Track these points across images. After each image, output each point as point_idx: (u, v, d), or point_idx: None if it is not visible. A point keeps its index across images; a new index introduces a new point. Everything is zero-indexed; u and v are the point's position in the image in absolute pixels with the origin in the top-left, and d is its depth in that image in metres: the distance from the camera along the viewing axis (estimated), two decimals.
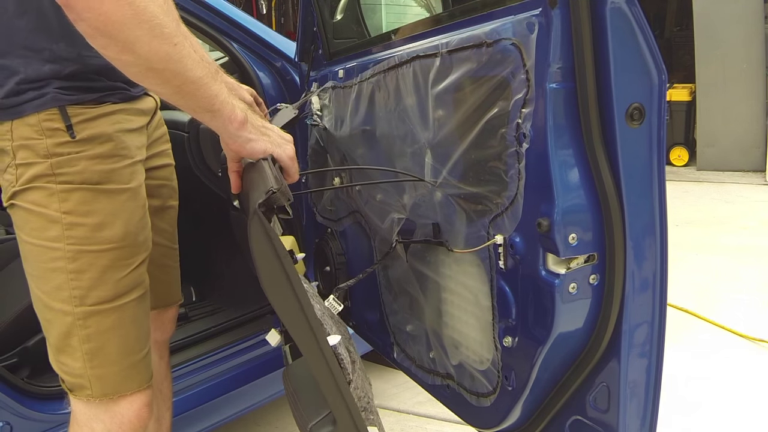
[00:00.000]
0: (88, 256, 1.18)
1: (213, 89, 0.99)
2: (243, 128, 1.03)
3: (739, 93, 5.54)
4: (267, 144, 1.07)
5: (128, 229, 1.23)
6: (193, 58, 0.95)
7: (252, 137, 1.05)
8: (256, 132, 1.06)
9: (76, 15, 0.86)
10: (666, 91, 0.94)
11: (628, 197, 0.94)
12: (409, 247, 1.41)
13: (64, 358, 1.21)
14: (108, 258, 1.20)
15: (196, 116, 1.04)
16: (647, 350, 1.02)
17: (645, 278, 0.99)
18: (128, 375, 1.24)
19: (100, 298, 1.19)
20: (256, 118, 1.09)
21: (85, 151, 1.17)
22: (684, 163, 5.99)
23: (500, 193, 1.07)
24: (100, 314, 1.20)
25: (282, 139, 1.11)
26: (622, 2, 0.88)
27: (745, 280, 3.34)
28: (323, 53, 1.77)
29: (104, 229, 1.19)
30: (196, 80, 0.96)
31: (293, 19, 8.08)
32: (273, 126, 1.14)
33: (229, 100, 1.02)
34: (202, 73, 0.96)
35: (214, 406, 1.87)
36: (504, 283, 1.11)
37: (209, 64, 0.99)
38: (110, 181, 1.20)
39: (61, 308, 1.18)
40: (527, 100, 0.98)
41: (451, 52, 1.14)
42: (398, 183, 1.38)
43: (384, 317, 1.62)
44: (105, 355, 1.21)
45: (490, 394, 1.20)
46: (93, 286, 1.18)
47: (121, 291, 1.22)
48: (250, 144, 1.05)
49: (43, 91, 1.14)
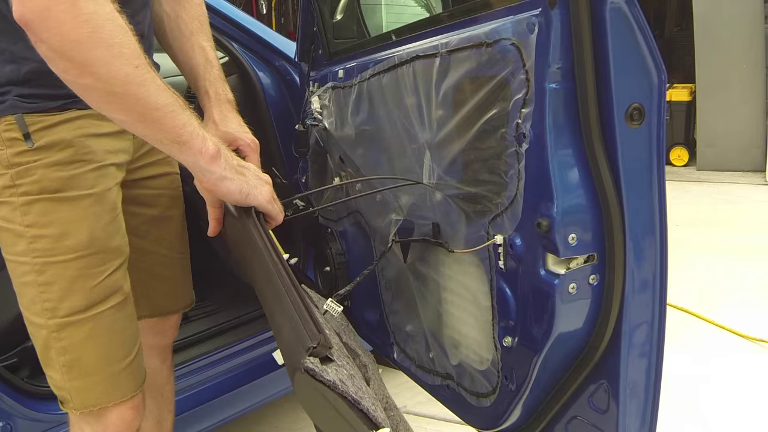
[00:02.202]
0: (54, 267, 1.14)
1: (181, 118, 0.95)
2: (215, 163, 1.00)
3: (739, 93, 5.54)
4: (242, 184, 1.03)
5: (95, 235, 1.18)
6: (158, 84, 0.93)
7: (226, 175, 1.01)
8: (230, 170, 1.02)
9: (35, 36, 0.85)
10: (666, 91, 0.94)
11: (627, 197, 0.94)
12: (409, 247, 1.41)
13: (49, 371, 1.20)
14: (75, 267, 1.15)
15: (164, 149, 1.00)
16: (647, 350, 1.02)
17: (645, 278, 0.99)
18: (110, 386, 1.21)
19: (72, 309, 1.16)
20: (232, 156, 1.05)
21: (42, 159, 1.12)
22: (684, 163, 5.99)
23: (500, 193, 1.07)
24: (73, 325, 1.16)
25: (258, 180, 1.08)
26: (622, 2, 0.88)
27: (745, 280, 3.33)
28: (323, 53, 1.77)
29: (67, 238, 1.15)
30: (161, 107, 0.93)
31: (293, 19, 8.08)
32: (250, 164, 1.10)
33: (200, 131, 0.98)
34: (168, 101, 0.93)
35: (214, 406, 1.87)
36: (504, 283, 1.11)
37: (176, 96, 0.96)
38: (70, 187, 1.15)
39: (37, 322, 1.16)
40: (527, 100, 0.98)
41: (451, 52, 1.14)
42: (398, 183, 1.38)
43: (384, 317, 1.62)
44: (82, 367, 1.18)
45: (490, 394, 1.20)
46: (63, 297, 1.15)
47: (94, 300, 1.18)
48: (224, 183, 1.02)
49: (1, 99, 1.11)
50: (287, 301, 0.86)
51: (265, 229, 1.05)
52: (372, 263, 1.59)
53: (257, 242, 0.98)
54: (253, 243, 1.00)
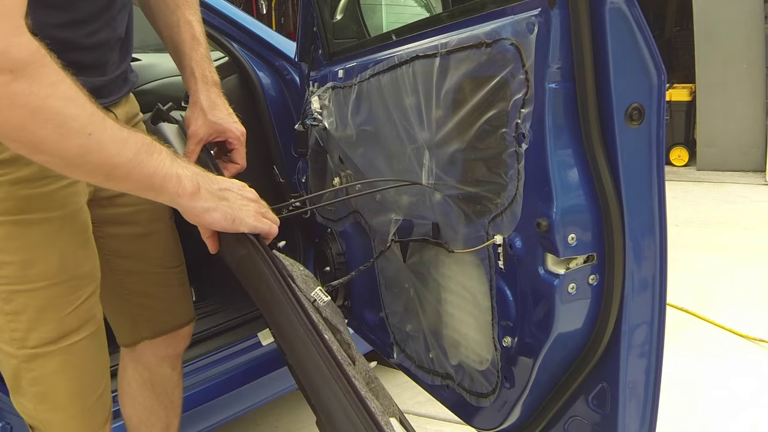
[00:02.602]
0: (22, 296, 1.05)
1: (149, 167, 0.89)
2: (196, 198, 0.95)
3: (739, 93, 5.53)
4: (227, 210, 0.98)
5: (66, 261, 1.09)
6: (118, 140, 0.86)
7: (209, 206, 0.96)
8: (212, 199, 0.97)
9: None
10: (665, 91, 0.94)
11: (627, 197, 0.94)
12: (408, 247, 1.41)
13: (19, 397, 1.14)
14: (45, 296, 1.07)
15: (139, 195, 0.94)
16: (647, 350, 1.02)
17: (644, 278, 0.99)
18: (81, 421, 1.15)
19: (41, 340, 1.08)
20: (211, 181, 0.99)
21: (6, 175, 1.02)
22: (684, 163, 5.98)
23: (499, 193, 1.07)
24: (44, 357, 1.09)
25: (243, 200, 1.02)
26: (622, 2, 0.88)
27: (745, 280, 3.33)
28: (323, 53, 1.77)
29: (35, 265, 1.05)
30: (127, 162, 0.87)
31: (293, 19, 8.07)
32: (232, 184, 1.04)
33: (173, 171, 0.92)
34: (132, 153, 0.87)
35: (214, 406, 1.87)
36: (503, 283, 1.11)
37: (140, 138, 0.90)
38: (38, 208, 1.05)
39: (5, 350, 1.09)
40: (526, 101, 0.98)
41: (451, 52, 1.14)
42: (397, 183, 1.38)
43: (384, 317, 1.62)
44: (54, 401, 1.12)
45: (490, 395, 1.20)
46: (32, 327, 1.07)
47: (66, 330, 1.10)
48: (208, 214, 0.97)
49: None
50: (334, 385, 0.83)
51: (267, 254, 1.00)
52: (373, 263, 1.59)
53: (272, 293, 0.94)
54: (265, 287, 0.96)
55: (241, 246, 1.00)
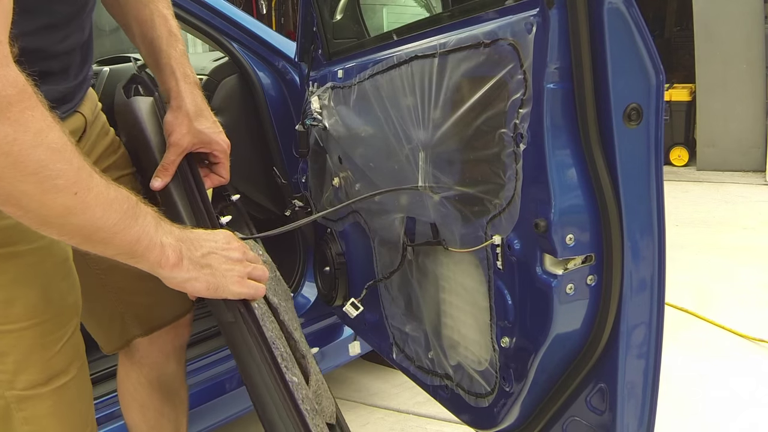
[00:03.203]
0: (6, 337, 0.97)
1: (132, 233, 0.82)
2: (177, 270, 0.88)
3: (739, 93, 5.53)
4: (209, 279, 0.92)
5: (48, 296, 1.00)
6: (103, 201, 0.78)
7: (190, 276, 0.90)
8: (194, 268, 0.90)
9: None
10: (664, 91, 0.94)
11: (625, 198, 0.94)
12: (407, 248, 1.41)
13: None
14: (30, 336, 0.99)
15: (116, 260, 0.86)
16: (645, 351, 1.02)
17: (643, 279, 0.99)
18: None
19: (30, 383, 1.01)
20: (194, 247, 0.92)
21: None
22: (684, 163, 5.98)
23: (498, 193, 1.07)
24: (34, 399, 1.02)
25: (227, 263, 0.95)
26: (620, 2, 0.88)
27: (744, 280, 3.33)
28: (323, 53, 1.78)
29: (15, 303, 0.97)
30: (110, 227, 0.79)
31: (293, 19, 8.08)
32: (215, 244, 0.96)
33: (157, 238, 0.85)
34: (117, 217, 0.80)
35: (215, 406, 1.87)
36: (501, 283, 1.11)
37: (126, 200, 0.82)
38: (15, 240, 0.95)
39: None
40: (524, 101, 0.98)
41: (449, 52, 1.14)
42: (397, 182, 1.38)
43: (383, 318, 1.62)
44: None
45: (488, 395, 1.20)
46: (19, 369, 1.00)
47: (54, 371, 1.03)
48: (189, 283, 0.91)
49: None
50: None
51: (255, 327, 0.97)
52: (372, 263, 1.59)
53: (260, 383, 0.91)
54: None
55: (228, 311, 0.97)
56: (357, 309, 1.31)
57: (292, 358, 1.04)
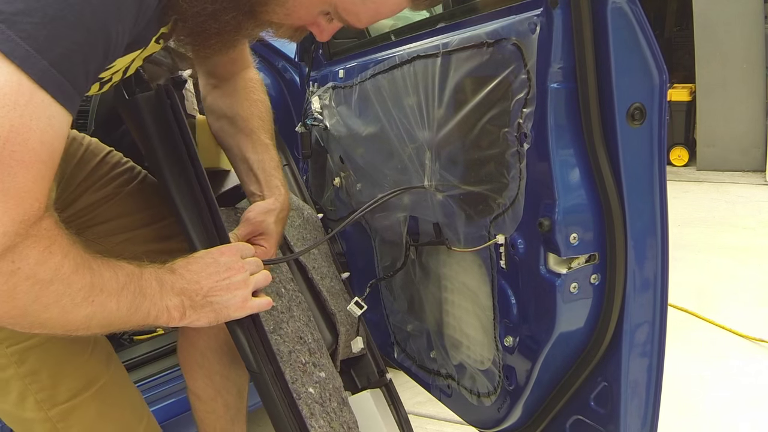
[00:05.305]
0: (32, 354, 0.99)
1: (143, 309, 0.86)
2: (183, 320, 0.93)
3: (739, 93, 5.53)
4: (211, 315, 0.96)
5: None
6: (114, 291, 0.81)
7: (194, 318, 0.95)
8: (196, 312, 0.95)
9: None
10: (667, 91, 0.94)
11: (629, 197, 0.94)
12: (409, 247, 1.41)
13: None
14: (59, 346, 1.01)
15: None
16: (648, 350, 1.02)
17: (646, 278, 0.99)
18: None
19: (72, 391, 1.02)
20: (195, 292, 0.94)
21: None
22: (684, 163, 5.98)
23: (501, 192, 1.07)
24: (79, 409, 1.03)
25: (229, 292, 0.97)
26: (623, 2, 0.88)
27: (745, 280, 3.33)
28: (323, 53, 1.77)
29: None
30: (123, 317, 0.84)
31: None
32: (217, 276, 0.97)
33: (163, 304, 0.90)
34: (129, 301, 0.84)
35: None
36: (505, 282, 1.11)
37: (132, 279, 0.85)
38: None
39: (32, 417, 1.02)
40: (528, 100, 0.98)
41: (452, 52, 1.14)
42: (399, 181, 1.38)
43: (384, 317, 1.62)
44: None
45: (491, 394, 1.20)
46: (56, 382, 1.01)
47: (92, 374, 1.05)
48: (194, 324, 0.96)
49: None
50: None
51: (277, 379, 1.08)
52: (372, 263, 1.59)
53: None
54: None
55: (253, 362, 1.07)
56: (361, 308, 1.32)
57: (321, 345, 1.17)
